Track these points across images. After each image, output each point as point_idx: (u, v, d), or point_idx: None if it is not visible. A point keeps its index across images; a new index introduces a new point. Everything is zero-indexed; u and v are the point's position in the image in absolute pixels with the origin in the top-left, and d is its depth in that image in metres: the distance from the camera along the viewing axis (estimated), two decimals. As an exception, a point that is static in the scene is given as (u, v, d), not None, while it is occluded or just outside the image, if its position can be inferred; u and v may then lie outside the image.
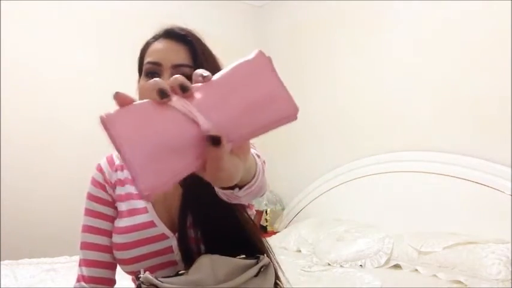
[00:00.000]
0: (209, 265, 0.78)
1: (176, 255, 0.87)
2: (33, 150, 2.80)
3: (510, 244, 1.93)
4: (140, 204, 0.91)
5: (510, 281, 1.77)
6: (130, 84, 3.59)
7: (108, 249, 0.92)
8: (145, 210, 0.90)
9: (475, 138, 2.24)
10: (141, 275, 0.78)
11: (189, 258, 0.84)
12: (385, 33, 2.73)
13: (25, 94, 2.79)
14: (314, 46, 3.22)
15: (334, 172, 2.95)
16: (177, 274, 0.80)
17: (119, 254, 0.89)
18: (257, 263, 0.83)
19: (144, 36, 1.02)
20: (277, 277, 0.89)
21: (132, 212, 0.91)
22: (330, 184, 2.95)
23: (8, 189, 2.68)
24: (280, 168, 3.24)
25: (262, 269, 0.83)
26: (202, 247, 0.85)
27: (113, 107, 0.49)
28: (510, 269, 1.80)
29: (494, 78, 2.19)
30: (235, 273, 0.79)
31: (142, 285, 0.77)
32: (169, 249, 0.87)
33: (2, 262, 2.11)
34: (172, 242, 0.87)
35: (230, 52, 1.12)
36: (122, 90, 0.49)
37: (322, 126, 3.11)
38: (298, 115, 0.48)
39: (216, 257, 0.80)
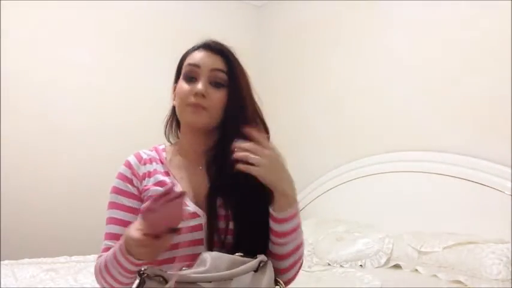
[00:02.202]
0: (210, 260, 0.83)
1: (204, 233, 0.93)
2: (33, 150, 2.80)
3: (510, 244, 1.93)
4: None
5: (510, 281, 1.77)
6: (129, 83, 3.59)
7: None
8: None
9: (475, 138, 2.24)
10: (143, 269, 0.81)
11: (215, 236, 0.91)
12: (385, 33, 2.73)
13: (25, 94, 2.79)
14: (314, 46, 3.22)
15: (334, 172, 2.94)
16: (180, 270, 0.84)
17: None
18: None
19: (144, 36, 1.05)
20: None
21: None
22: (330, 184, 2.95)
23: (8, 189, 2.68)
24: (280, 168, 3.23)
25: (261, 265, 0.86)
26: (231, 224, 0.92)
27: (111, 106, 0.49)
28: (510, 269, 1.80)
29: (494, 78, 2.19)
30: (235, 266, 0.84)
31: (146, 278, 0.80)
32: (199, 227, 0.93)
33: (2, 262, 2.10)
34: (203, 220, 0.94)
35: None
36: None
37: (322, 126, 3.11)
38: (298, 115, 0.54)
39: (216, 253, 0.85)
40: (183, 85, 1.00)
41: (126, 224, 0.97)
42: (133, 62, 3.13)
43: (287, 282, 0.98)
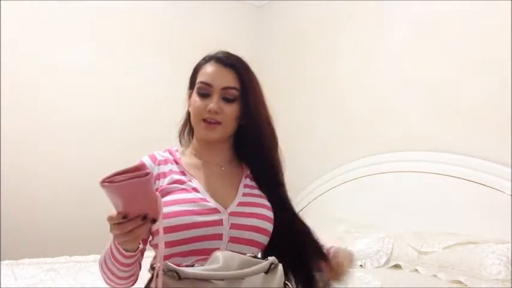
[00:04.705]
0: (222, 258, 0.84)
1: (224, 229, 0.96)
2: (33, 150, 2.80)
3: (510, 244, 1.92)
4: (191, 185, 1.01)
5: (510, 281, 1.77)
6: (128, 83, 3.59)
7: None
8: (197, 190, 1.00)
9: (475, 138, 2.24)
10: (157, 265, 0.80)
11: (234, 232, 0.96)
12: (385, 33, 2.73)
13: (25, 93, 2.79)
14: (314, 46, 3.22)
15: (334, 172, 2.94)
16: (192, 266, 0.85)
17: (172, 221, 0.93)
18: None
19: (144, 36, 1.05)
20: (288, 279, 0.97)
21: (185, 190, 1.00)
22: (329, 184, 2.95)
23: (8, 189, 2.68)
24: (280, 168, 3.23)
25: (272, 267, 0.88)
26: (251, 221, 0.98)
27: (111, 106, 0.49)
28: (510, 269, 1.80)
29: (494, 78, 2.18)
30: (246, 266, 0.85)
31: (160, 272, 0.79)
32: (219, 222, 0.96)
33: (2, 262, 2.10)
34: (223, 216, 0.97)
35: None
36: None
37: (322, 126, 3.11)
38: (298, 115, 0.53)
39: (228, 252, 0.87)
40: (196, 99, 1.04)
41: None
42: (132, 63, 3.13)
43: None
